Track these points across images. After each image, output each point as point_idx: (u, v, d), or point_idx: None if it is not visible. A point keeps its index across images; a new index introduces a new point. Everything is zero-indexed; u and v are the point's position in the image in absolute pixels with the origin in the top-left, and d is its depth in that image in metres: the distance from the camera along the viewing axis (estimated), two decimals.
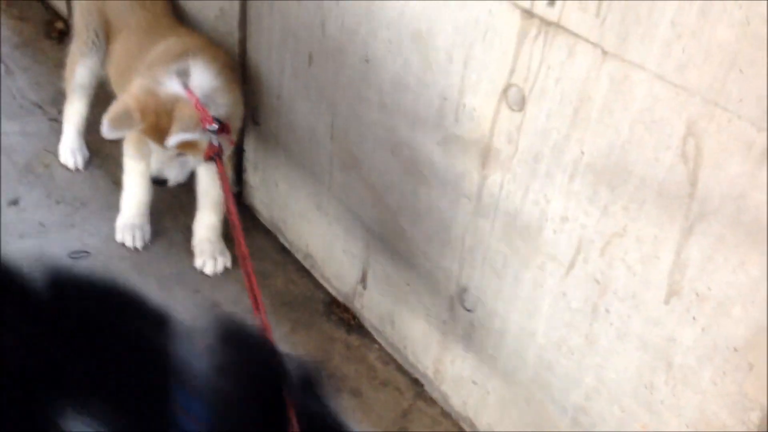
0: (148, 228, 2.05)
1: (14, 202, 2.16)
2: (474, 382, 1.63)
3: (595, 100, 1.18)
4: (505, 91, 1.32)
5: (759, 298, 1.06)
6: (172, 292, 1.95)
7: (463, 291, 1.57)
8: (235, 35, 1.97)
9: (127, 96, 1.71)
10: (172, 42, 1.90)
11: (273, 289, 2.00)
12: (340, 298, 1.97)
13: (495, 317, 1.51)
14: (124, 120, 1.70)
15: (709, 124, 1.05)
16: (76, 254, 2.02)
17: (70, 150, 2.28)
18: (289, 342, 1.83)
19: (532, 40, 1.24)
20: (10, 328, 0.89)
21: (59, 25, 2.99)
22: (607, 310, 1.28)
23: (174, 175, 1.82)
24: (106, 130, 1.69)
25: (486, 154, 1.40)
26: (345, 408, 1.69)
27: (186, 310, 1.08)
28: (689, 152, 1.09)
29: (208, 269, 1.98)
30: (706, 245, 1.10)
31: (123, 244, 2.04)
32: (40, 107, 2.56)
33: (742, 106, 1.01)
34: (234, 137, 1.89)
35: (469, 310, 1.57)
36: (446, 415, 1.72)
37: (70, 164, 2.27)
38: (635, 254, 1.21)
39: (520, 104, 1.30)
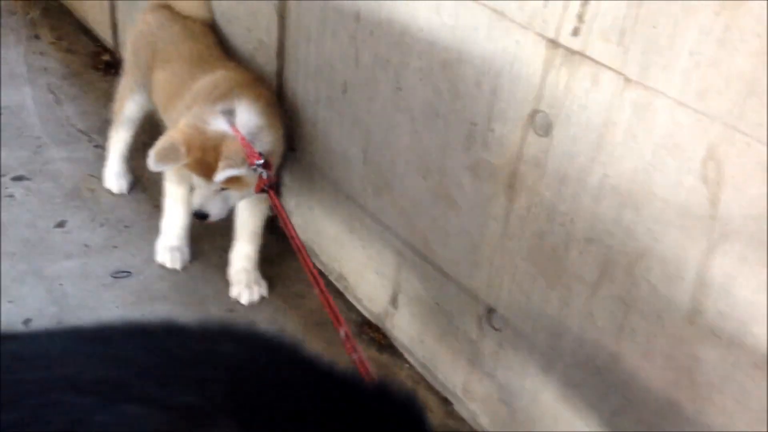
0: (187, 250, 2.13)
1: (60, 225, 2.26)
2: (502, 401, 1.66)
3: (618, 125, 1.23)
4: (532, 117, 1.38)
5: None
6: (208, 311, 2.02)
7: (490, 311, 1.61)
8: (273, 65, 2.06)
9: (174, 131, 1.77)
10: (219, 76, 1.97)
11: (306, 309, 2.06)
12: (371, 319, 2.02)
13: (522, 338, 1.55)
14: (170, 154, 1.75)
15: (729, 148, 1.09)
16: (118, 274, 2.11)
17: (114, 175, 2.38)
18: None
19: (558, 68, 1.30)
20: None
21: (105, 57, 3.13)
22: (633, 330, 1.32)
23: (216, 211, 1.86)
24: (153, 164, 1.75)
25: (513, 178, 1.46)
26: None
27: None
28: (710, 175, 1.13)
29: (244, 299, 2.03)
30: (728, 265, 1.14)
31: (163, 266, 2.12)
32: (86, 135, 2.68)
33: (761, 131, 1.05)
34: (274, 173, 1.95)
35: (497, 330, 1.61)
36: None
37: (114, 189, 2.37)
38: (659, 273, 1.24)
39: (547, 130, 1.36)
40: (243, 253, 2.05)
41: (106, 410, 0.66)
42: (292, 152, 2.12)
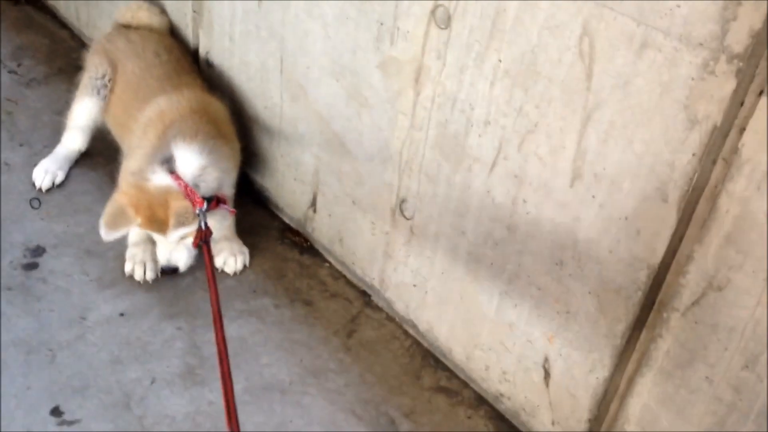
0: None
1: None
2: (414, 286, 1.81)
3: (508, 12, 1.37)
4: (434, 12, 1.50)
5: (643, 171, 1.26)
6: None
7: (402, 201, 1.75)
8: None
9: (119, 194, 1.71)
10: (157, 109, 1.89)
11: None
12: (293, 225, 2.13)
13: (431, 222, 1.70)
14: (119, 220, 1.69)
15: (599, 24, 1.24)
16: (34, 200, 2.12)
17: (44, 170, 2.16)
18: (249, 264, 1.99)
19: None
20: None
21: None
22: (525, 201, 1.48)
23: (183, 261, 1.82)
24: (104, 233, 1.69)
25: (419, 72, 1.58)
26: (298, 315, 1.87)
27: None
28: (585, 50, 1.28)
29: (229, 268, 1.97)
30: (601, 131, 1.30)
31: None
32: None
33: (626, 5, 1.20)
34: (232, 199, 1.91)
35: (408, 219, 1.75)
36: (391, 318, 1.90)
37: (38, 182, 2.13)
38: (545, 147, 1.40)
39: (447, 22, 1.48)
40: (216, 227, 1.90)
41: None
42: (210, 68, 2.19)
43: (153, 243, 1.89)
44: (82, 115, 2.14)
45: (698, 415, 1.32)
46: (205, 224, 1.72)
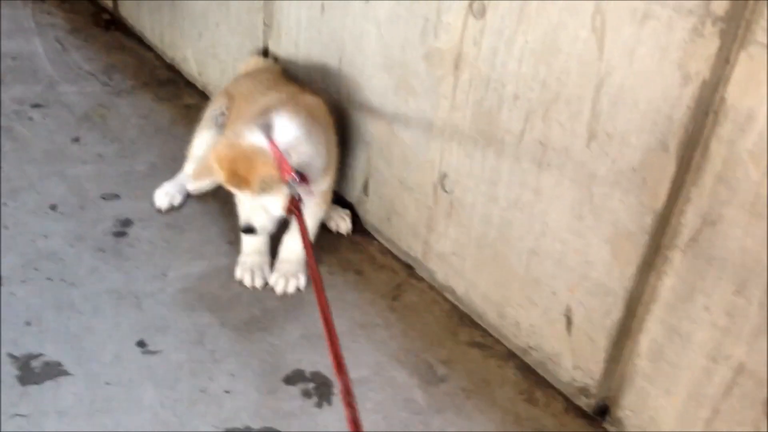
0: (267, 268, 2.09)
1: (76, 140, 2.60)
2: (454, 254, 2.03)
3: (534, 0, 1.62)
4: (471, 5, 1.76)
5: (647, 126, 1.47)
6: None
7: (443, 177, 1.98)
8: None
9: (211, 149, 1.85)
10: (270, 96, 2.04)
11: None
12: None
13: (467, 192, 1.92)
14: (204, 171, 1.83)
15: (609, 2, 1.48)
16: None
17: (164, 193, 2.32)
18: None
19: None
20: None
21: (105, 16, 3.48)
22: (548, 164, 1.69)
23: (261, 223, 1.86)
24: (190, 183, 1.97)
25: (458, 59, 1.83)
26: (349, 281, 2.10)
27: None
28: (597, 26, 1.51)
29: (279, 288, 2.03)
30: (612, 95, 1.52)
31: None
32: (93, 75, 3.02)
33: None
34: (324, 184, 2.00)
35: (448, 192, 1.98)
36: (432, 287, 2.12)
37: (157, 203, 2.30)
38: (565, 114, 1.62)
39: (482, 13, 1.74)
40: (291, 247, 2.07)
41: None
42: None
43: (264, 254, 2.06)
44: (201, 145, 2.29)
45: (698, 343, 1.49)
46: (298, 194, 1.80)
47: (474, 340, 1.96)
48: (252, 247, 2.07)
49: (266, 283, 2.05)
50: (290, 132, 1.83)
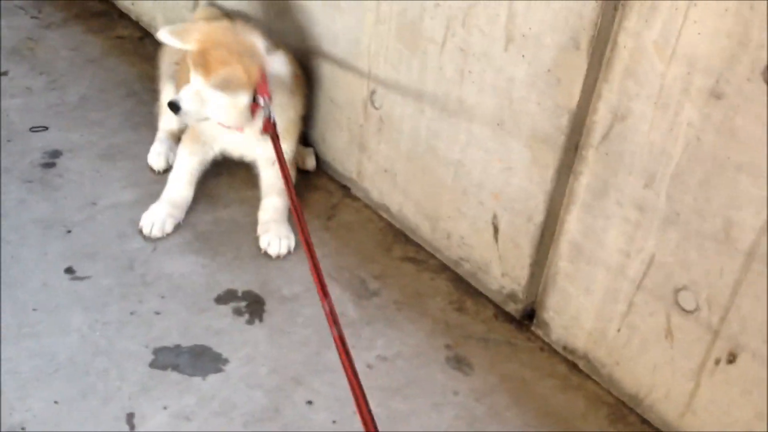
0: (171, 222, 1.98)
1: (4, 73, 2.53)
2: (385, 170, 2.02)
3: None
4: None
5: (559, 24, 1.46)
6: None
7: (372, 93, 1.96)
8: None
9: (196, 16, 1.81)
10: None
11: None
12: None
13: (396, 106, 1.91)
14: (181, 34, 1.76)
15: None
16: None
17: (156, 154, 2.19)
18: None
19: None
20: None
21: None
22: (470, 72, 1.68)
23: (188, 107, 1.78)
24: (163, 33, 1.76)
25: None
26: None
27: None
28: None
29: (273, 250, 1.93)
30: None
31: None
32: (22, 9, 2.92)
33: None
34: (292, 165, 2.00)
35: (377, 108, 1.96)
36: (367, 206, 2.12)
37: (154, 165, 2.18)
38: (484, 18, 1.60)
39: None
40: (272, 205, 1.99)
41: None
42: None
43: (178, 207, 1.97)
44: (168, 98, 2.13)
45: (612, 239, 1.51)
46: (273, 119, 1.78)
47: (408, 255, 1.97)
48: (170, 195, 1.99)
49: (162, 236, 1.93)
50: (283, 70, 1.89)
